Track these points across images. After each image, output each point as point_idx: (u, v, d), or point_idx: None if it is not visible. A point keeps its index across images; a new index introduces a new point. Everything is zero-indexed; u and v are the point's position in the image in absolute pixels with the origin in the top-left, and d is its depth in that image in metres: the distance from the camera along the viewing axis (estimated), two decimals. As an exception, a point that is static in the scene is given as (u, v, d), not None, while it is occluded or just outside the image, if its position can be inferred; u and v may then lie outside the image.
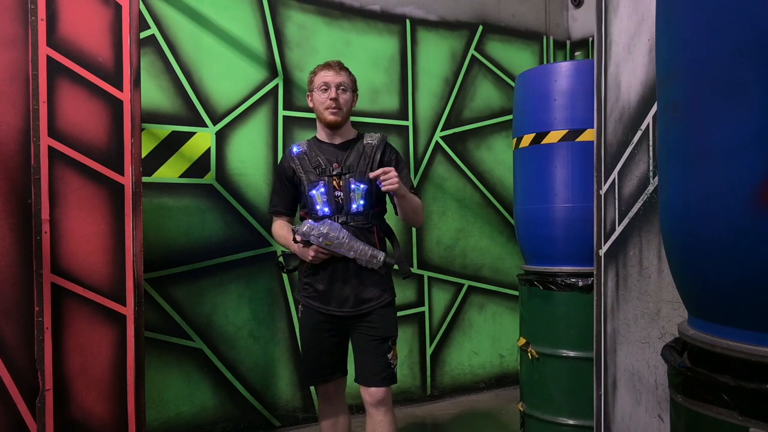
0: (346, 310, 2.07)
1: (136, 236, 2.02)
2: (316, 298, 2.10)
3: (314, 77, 2.13)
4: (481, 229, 3.81)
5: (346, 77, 2.12)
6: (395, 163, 2.17)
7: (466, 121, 3.78)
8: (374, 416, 2.06)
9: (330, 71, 2.10)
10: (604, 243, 2.22)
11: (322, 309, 2.09)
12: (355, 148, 2.14)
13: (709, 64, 0.93)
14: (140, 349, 2.03)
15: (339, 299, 2.07)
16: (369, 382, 2.06)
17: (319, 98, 2.10)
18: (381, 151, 2.14)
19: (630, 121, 2.01)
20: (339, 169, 2.09)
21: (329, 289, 2.07)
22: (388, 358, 2.07)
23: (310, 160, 2.12)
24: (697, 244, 0.99)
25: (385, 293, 2.11)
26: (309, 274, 2.12)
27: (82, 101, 1.96)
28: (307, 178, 2.10)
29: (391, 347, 2.09)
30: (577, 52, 4.12)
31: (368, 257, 2.01)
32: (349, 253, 2.00)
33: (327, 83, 2.08)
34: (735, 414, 0.88)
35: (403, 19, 3.56)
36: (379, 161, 2.12)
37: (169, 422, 2.88)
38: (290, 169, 2.15)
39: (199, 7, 2.99)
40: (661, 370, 1.81)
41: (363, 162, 2.11)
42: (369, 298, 2.08)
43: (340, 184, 2.08)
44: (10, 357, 1.82)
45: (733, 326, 0.94)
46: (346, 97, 2.11)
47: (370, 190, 2.09)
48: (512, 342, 3.87)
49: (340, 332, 2.13)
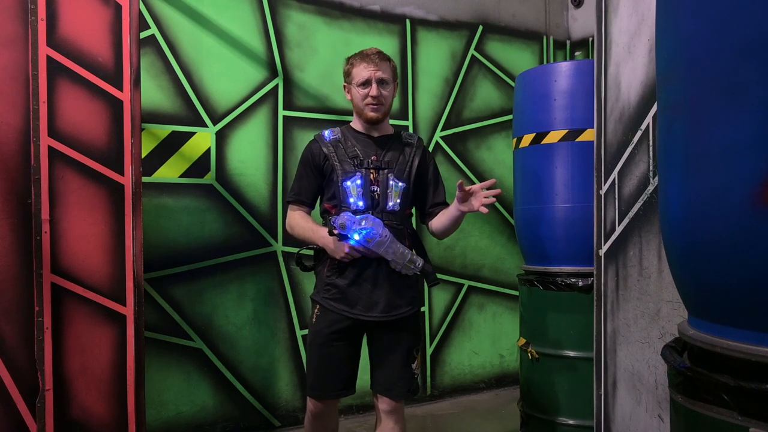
0: (375, 315, 1.90)
1: (136, 236, 2.02)
2: (340, 300, 1.92)
3: (352, 69, 1.99)
4: (481, 229, 3.80)
5: (387, 69, 1.98)
6: (433, 170, 2.07)
7: (466, 121, 3.78)
8: (385, 423, 1.97)
9: (370, 65, 1.95)
10: (604, 243, 2.22)
11: (346, 312, 1.91)
12: (393, 145, 2.01)
13: (709, 64, 0.93)
14: (140, 349, 2.03)
15: (367, 303, 1.90)
16: (393, 394, 1.94)
17: (359, 94, 1.97)
18: (420, 155, 2.03)
19: (630, 121, 2.01)
20: (378, 163, 1.95)
21: (356, 291, 1.90)
22: (413, 368, 1.96)
23: (346, 149, 1.97)
24: (697, 244, 0.99)
25: (416, 301, 1.98)
26: (334, 273, 1.93)
27: (82, 101, 1.96)
28: (342, 167, 1.94)
29: (416, 357, 1.97)
30: (577, 52, 4.12)
31: (406, 261, 1.86)
32: (388, 255, 1.84)
33: (368, 79, 1.94)
34: (735, 414, 0.88)
35: (403, 19, 3.56)
36: (418, 165, 2.01)
37: (169, 422, 2.88)
38: (322, 155, 1.98)
39: (199, 7, 2.99)
40: (661, 370, 1.81)
41: (402, 160, 1.99)
42: (401, 304, 1.93)
43: (377, 178, 1.94)
44: (10, 357, 1.82)
45: (733, 326, 0.94)
46: (387, 92, 1.97)
47: (408, 189, 1.98)
48: (512, 342, 3.87)
49: (355, 342, 1.97)
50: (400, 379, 1.94)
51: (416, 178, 2.02)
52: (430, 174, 2.07)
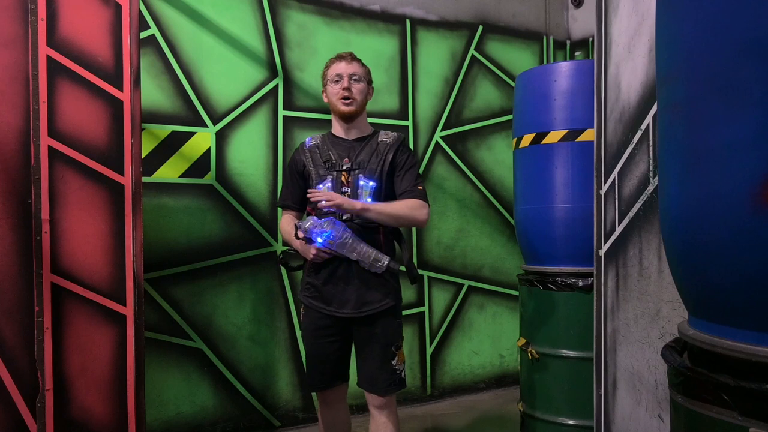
0: (347, 312, 2.00)
1: (136, 236, 2.02)
2: (318, 298, 2.04)
3: (327, 71, 2.09)
4: (481, 229, 3.80)
5: (359, 67, 2.07)
6: (404, 162, 2.07)
7: (466, 121, 3.78)
8: (377, 418, 2.05)
9: (342, 62, 2.06)
10: (604, 243, 2.22)
11: (323, 309, 2.03)
12: (368, 145, 2.07)
13: (709, 64, 0.93)
14: (140, 349, 2.03)
15: (340, 300, 2.01)
16: (374, 389, 2.03)
17: (332, 89, 2.05)
18: (394, 151, 2.06)
19: (630, 121, 2.01)
20: (349, 165, 2.02)
21: (331, 289, 2.01)
22: (393, 364, 2.02)
23: (322, 153, 2.07)
24: (697, 244, 0.99)
25: (388, 297, 2.02)
26: (311, 273, 2.06)
27: (82, 101, 1.96)
28: (316, 172, 2.04)
29: (395, 353, 2.03)
30: (577, 52, 4.12)
31: (371, 260, 1.93)
32: (352, 255, 1.93)
33: (339, 74, 2.03)
34: (735, 414, 0.88)
35: (403, 19, 3.56)
36: (390, 161, 2.04)
37: (169, 422, 2.88)
38: (301, 162, 2.10)
39: (199, 7, 2.99)
40: (661, 370, 1.81)
41: (375, 159, 2.03)
42: (370, 300, 2.00)
43: (348, 180, 2.01)
44: (10, 357, 1.82)
45: (733, 326, 0.94)
46: (359, 86, 2.05)
47: (380, 188, 2.02)
48: (512, 342, 3.87)
49: (342, 336, 2.07)
50: (380, 374, 2.02)
51: (389, 174, 2.05)
52: (403, 164, 2.07)
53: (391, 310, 2.04)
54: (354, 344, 2.11)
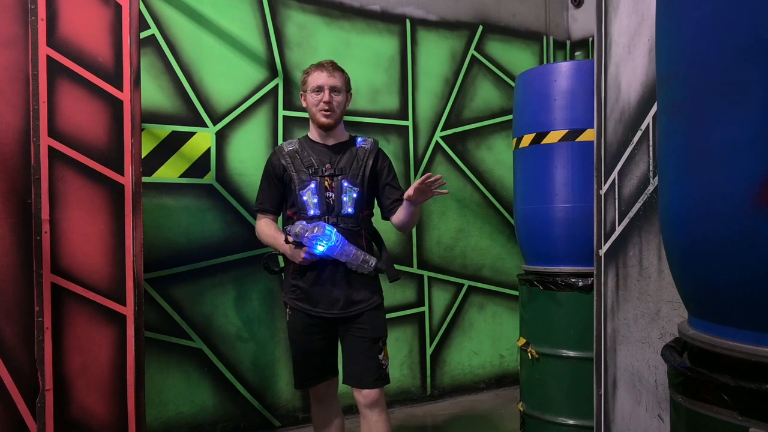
0: (336, 312, 2.06)
1: (136, 236, 2.02)
2: (304, 300, 2.09)
3: (307, 78, 2.12)
4: (481, 229, 3.80)
5: (340, 78, 2.11)
6: (387, 170, 2.19)
7: (466, 121, 3.78)
8: (369, 417, 2.07)
9: (323, 72, 2.08)
10: (604, 243, 2.22)
11: (310, 311, 2.08)
12: (348, 151, 2.14)
13: (709, 64, 0.93)
14: (140, 349, 2.03)
15: (328, 301, 2.06)
16: (362, 384, 2.07)
17: (312, 99, 2.10)
18: (373, 157, 2.15)
19: (630, 121, 2.01)
20: (331, 170, 2.08)
21: (318, 291, 2.07)
22: (380, 359, 2.08)
23: (302, 159, 2.10)
24: (697, 244, 0.99)
25: (375, 295, 2.11)
26: (296, 276, 2.11)
27: (82, 101, 1.96)
28: (299, 177, 2.09)
29: (382, 348, 2.10)
30: (577, 52, 4.12)
31: (360, 262, 2.02)
32: (341, 257, 1.99)
33: (320, 86, 2.07)
34: (735, 414, 0.88)
35: (403, 19, 3.56)
36: (371, 167, 2.13)
37: (169, 422, 2.88)
38: (280, 166, 2.13)
39: (199, 7, 2.99)
40: (661, 370, 1.81)
41: (356, 165, 2.11)
42: (359, 300, 2.08)
43: (331, 185, 2.07)
44: (10, 357, 1.82)
45: (733, 326, 0.94)
46: (339, 99, 2.10)
47: (362, 193, 2.10)
48: (512, 342, 3.87)
49: (328, 334, 2.13)
50: (367, 369, 2.07)
51: (371, 180, 2.14)
52: (385, 173, 2.19)
53: (378, 307, 2.13)
54: (341, 343, 2.16)
